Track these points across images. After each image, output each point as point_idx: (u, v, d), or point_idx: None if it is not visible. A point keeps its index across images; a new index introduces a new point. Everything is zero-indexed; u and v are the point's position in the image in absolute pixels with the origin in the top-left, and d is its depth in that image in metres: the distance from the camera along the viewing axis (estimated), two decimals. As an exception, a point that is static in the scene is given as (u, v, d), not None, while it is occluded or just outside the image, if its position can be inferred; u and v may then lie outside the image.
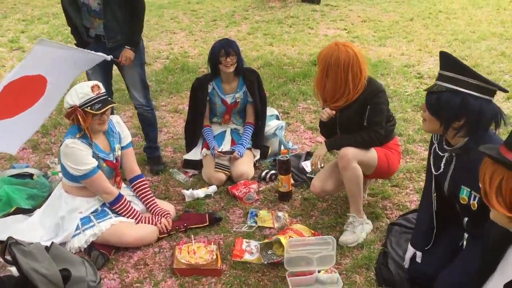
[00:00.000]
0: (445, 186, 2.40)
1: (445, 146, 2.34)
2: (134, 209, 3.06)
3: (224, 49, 3.62)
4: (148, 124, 3.96)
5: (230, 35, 8.23)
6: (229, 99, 3.85)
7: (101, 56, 3.32)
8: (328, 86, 2.97)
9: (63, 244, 2.96)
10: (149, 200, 3.17)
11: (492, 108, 2.15)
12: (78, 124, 2.90)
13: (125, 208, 3.01)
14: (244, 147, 3.81)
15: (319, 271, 2.70)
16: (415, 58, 6.72)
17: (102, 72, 3.66)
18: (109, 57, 3.36)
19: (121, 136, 3.16)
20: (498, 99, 5.23)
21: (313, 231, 3.04)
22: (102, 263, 2.82)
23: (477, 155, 2.06)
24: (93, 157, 2.94)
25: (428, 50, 7.09)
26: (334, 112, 3.02)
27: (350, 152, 2.92)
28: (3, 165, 4.11)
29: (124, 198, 3.02)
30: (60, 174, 3.65)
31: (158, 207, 3.15)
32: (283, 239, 2.76)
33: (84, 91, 2.86)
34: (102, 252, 2.86)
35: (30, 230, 3.00)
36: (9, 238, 2.38)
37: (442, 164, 2.38)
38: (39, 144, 4.55)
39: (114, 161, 3.09)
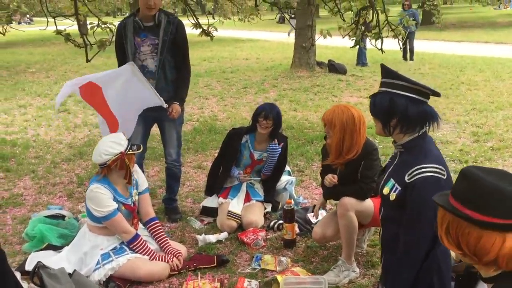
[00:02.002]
0: (383, 180, 2.61)
1: (393, 143, 2.59)
2: (149, 248, 3.41)
3: (265, 111, 4.05)
4: (174, 179, 4.37)
5: (258, 101, 8.80)
6: (256, 155, 4.24)
7: (159, 100, 3.85)
8: (346, 142, 3.29)
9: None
10: (162, 240, 3.52)
11: (421, 109, 2.38)
12: (120, 169, 3.33)
13: (141, 246, 3.36)
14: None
15: (311, 309, 2.94)
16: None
17: (144, 126, 4.16)
18: (165, 104, 3.89)
19: (138, 183, 3.58)
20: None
21: (310, 274, 3.29)
22: (118, 293, 3.15)
23: (412, 156, 2.39)
24: (113, 200, 3.35)
25: (445, 118, 7.39)
26: (336, 180, 3.38)
27: (348, 202, 3.24)
28: (39, 209, 4.58)
29: (140, 238, 3.39)
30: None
31: (171, 247, 3.49)
32: (279, 278, 3.03)
33: (122, 138, 3.37)
34: (118, 284, 3.20)
35: (57, 263, 3.36)
36: (38, 262, 2.77)
37: (390, 158, 2.65)
38: (73, 193, 5.03)
39: (132, 205, 3.48)
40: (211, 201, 4.29)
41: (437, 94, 2.47)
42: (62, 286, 2.68)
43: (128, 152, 3.31)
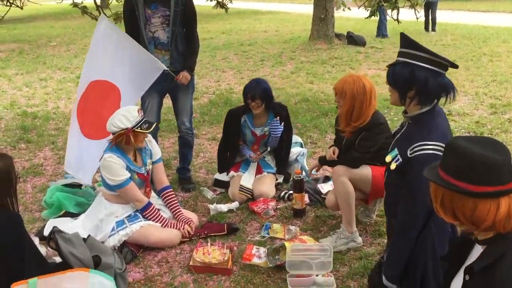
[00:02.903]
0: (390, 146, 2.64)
1: (402, 113, 2.59)
2: (162, 216, 3.51)
3: (250, 93, 4.09)
4: (187, 147, 4.46)
5: (274, 74, 8.80)
6: (258, 132, 4.28)
7: (161, 66, 3.91)
8: (355, 111, 3.34)
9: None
10: (175, 208, 3.62)
11: (440, 81, 2.38)
12: (127, 143, 3.39)
13: (153, 214, 3.47)
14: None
15: (317, 275, 3.02)
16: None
17: (158, 97, 4.23)
18: (167, 68, 3.95)
19: (152, 152, 3.66)
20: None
21: (317, 242, 3.36)
22: (131, 258, 3.28)
23: (417, 130, 2.40)
24: (126, 169, 3.44)
25: (464, 90, 7.29)
26: (335, 158, 3.47)
27: (339, 169, 3.34)
28: (58, 178, 4.73)
29: (152, 206, 3.49)
30: (104, 187, 4.20)
31: (183, 215, 3.59)
32: (287, 244, 3.11)
33: (134, 114, 3.37)
34: (131, 249, 3.32)
35: (73, 229, 3.49)
36: (54, 227, 2.89)
37: (398, 126, 2.66)
38: (91, 164, 5.17)
39: (145, 174, 3.57)
40: (223, 175, 4.37)
41: (455, 66, 2.46)
42: (76, 250, 2.80)
43: (136, 130, 3.36)
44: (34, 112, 7.13)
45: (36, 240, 3.31)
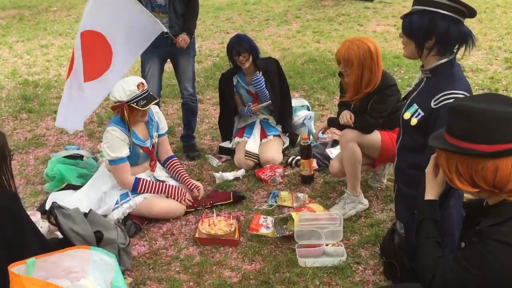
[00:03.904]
0: (405, 105, 2.49)
1: (420, 68, 2.44)
2: (157, 183, 3.38)
3: (234, 49, 3.90)
4: (191, 113, 4.31)
5: (280, 34, 8.52)
6: (252, 89, 4.09)
7: (160, 27, 3.75)
8: (365, 77, 3.14)
9: (104, 216, 3.37)
10: (181, 175, 3.53)
11: (461, 29, 2.23)
12: (122, 117, 3.26)
13: (148, 186, 3.34)
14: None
15: (327, 245, 2.92)
16: (461, 52, 6.65)
17: (159, 62, 4.06)
18: (166, 29, 3.79)
19: (159, 126, 3.53)
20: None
21: (326, 211, 3.24)
22: (134, 231, 3.19)
23: (440, 81, 2.26)
24: (130, 145, 3.30)
25: (477, 45, 6.99)
26: (352, 123, 3.22)
27: (349, 133, 3.18)
28: (61, 149, 4.63)
29: (141, 180, 3.33)
30: (107, 157, 4.09)
31: (190, 181, 3.49)
32: (294, 215, 3.00)
33: (131, 88, 3.19)
34: (135, 222, 3.23)
35: (77, 201, 3.40)
36: (53, 203, 2.79)
37: (414, 84, 2.52)
38: (94, 133, 5.05)
39: (150, 148, 3.45)
40: (227, 142, 4.24)
41: (474, 13, 2.28)
42: (77, 226, 2.71)
43: (131, 105, 3.20)
44: (36, 80, 6.99)
45: (38, 215, 3.25)
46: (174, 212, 3.34)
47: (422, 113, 2.30)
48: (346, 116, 3.23)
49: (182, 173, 3.56)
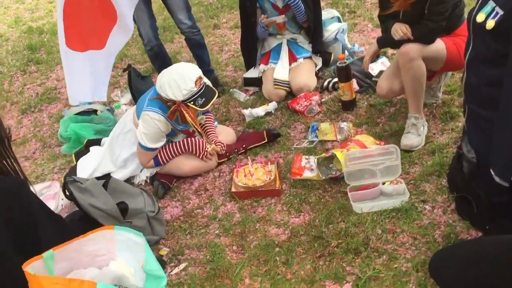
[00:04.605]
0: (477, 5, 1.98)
1: None
2: (175, 145, 2.94)
3: None
4: (198, 47, 3.81)
5: None
6: (279, 3, 3.50)
7: None
8: None
9: (132, 177, 3.05)
10: (207, 129, 3.09)
11: None
12: (180, 116, 2.80)
13: (167, 156, 2.93)
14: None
15: (383, 183, 2.51)
16: None
17: (143, 3, 3.50)
18: None
19: None
20: None
21: (377, 141, 2.80)
22: (163, 192, 2.85)
23: None
24: (172, 129, 2.87)
25: None
26: (410, 34, 2.63)
27: (411, 49, 2.60)
28: (61, 108, 4.26)
29: (158, 156, 2.92)
30: (123, 107, 3.71)
31: (213, 135, 3.06)
32: (339, 154, 2.57)
33: (188, 87, 2.65)
34: (162, 182, 2.89)
35: (103, 166, 3.06)
36: (66, 177, 2.45)
37: None
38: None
39: (191, 131, 3.02)
40: (252, 72, 3.75)
41: None
42: (96, 199, 2.38)
43: (188, 104, 2.71)
44: (40, 26, 6.55)
45: (57, 186, 2.95)
46: (206, 167, 2.97)
47: (501, 12, 1.77)
48: (401, 29, 2.63)
49: (208, 127, 3.11)
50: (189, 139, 2.96)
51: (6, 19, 7.22)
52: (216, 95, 2.79)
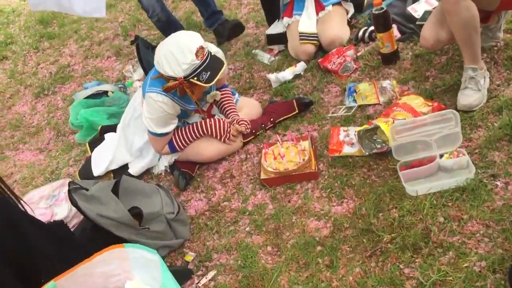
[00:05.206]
0: None
1: None
2: (192, 128, 2.58)
3: None
4: None
5: None
6: None
7: None
8: None
9: (150, 168, 2.75)
10: (225, 108, 2.70)
11: None
12: (181, 93, 2.41)
13: (184, 141, 2.57)
14: None
15: (441, 156, 2.07)
16: None
17: None
18: None
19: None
20: None
21: (429, 102, 2.33)
22: (184, 183, 2.51)
23: None
24: (182, 110, 2.50)
25: None
26: None
27: None
28: (89, 79, 3.96)
29: (173, 141, 2.57)
30: (136, 84, 3.36)
31: (234, 114, 2.66)
32: (383, 125, 2.14)
33: (187, 61, 2.24)
34: (183, 172, 2.55)
35: (120, 158, 2.79)
36: (69, 183, 2.14)
37: None
38: (121, 49, 4.29)
39: (206, 109, 2.64)
40: (275, 26, 3.27)
41: None
42: (105, 207, 2.07)
43: (191, 80, 2.30)
44: (51, -3, 6.18)
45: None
46: (231, 149, 2.60)
47: None
48: None
49: (226, 104, 2.70)
50: (207, 120, 2.58)
51: (18, -8, 6.91)
52: (224, 66, 2.36)
